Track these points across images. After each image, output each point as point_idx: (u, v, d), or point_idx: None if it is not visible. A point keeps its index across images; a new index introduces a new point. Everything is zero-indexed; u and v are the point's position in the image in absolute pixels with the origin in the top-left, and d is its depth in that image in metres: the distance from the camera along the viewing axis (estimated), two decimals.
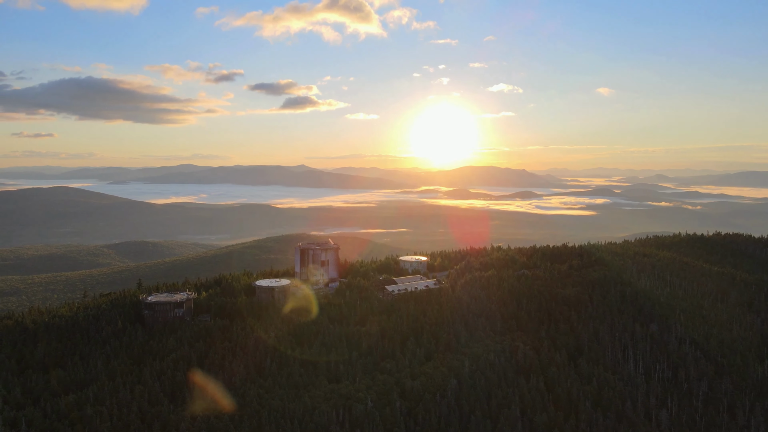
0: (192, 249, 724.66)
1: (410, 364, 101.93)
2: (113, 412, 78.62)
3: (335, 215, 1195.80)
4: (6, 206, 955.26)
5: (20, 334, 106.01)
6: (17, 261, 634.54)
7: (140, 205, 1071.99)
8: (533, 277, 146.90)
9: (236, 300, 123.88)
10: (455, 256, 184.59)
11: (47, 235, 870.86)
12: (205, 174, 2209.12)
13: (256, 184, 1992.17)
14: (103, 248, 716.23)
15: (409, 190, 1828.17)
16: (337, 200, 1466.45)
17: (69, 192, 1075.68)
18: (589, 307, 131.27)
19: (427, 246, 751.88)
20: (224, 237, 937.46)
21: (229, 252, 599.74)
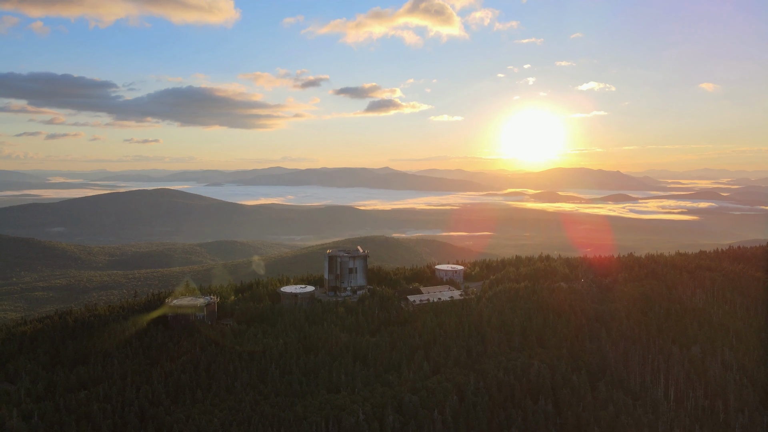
0: (276, 249, 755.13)
1: (415, 377, 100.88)
2: (116, 410, 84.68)
3: (418, 217, 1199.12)
4: (117, 206, 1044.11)
5: (60, 331, 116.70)
6: (122, 257, 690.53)
7: (232, 206, 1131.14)
8: (569, 290, 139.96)
9: (259, 305, 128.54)
10: (497, 265, 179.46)
11: (150, 233, 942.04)
12: (293, 176, 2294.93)
13: (342, 186, 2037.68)
14: (196, 246, 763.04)
15: (495, 193, 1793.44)
16: (421, 202, 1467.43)
17: (170, 193, 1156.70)
18: (624, 324, 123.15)
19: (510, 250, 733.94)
20: (308, 237, 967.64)
21: (308, 253, 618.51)
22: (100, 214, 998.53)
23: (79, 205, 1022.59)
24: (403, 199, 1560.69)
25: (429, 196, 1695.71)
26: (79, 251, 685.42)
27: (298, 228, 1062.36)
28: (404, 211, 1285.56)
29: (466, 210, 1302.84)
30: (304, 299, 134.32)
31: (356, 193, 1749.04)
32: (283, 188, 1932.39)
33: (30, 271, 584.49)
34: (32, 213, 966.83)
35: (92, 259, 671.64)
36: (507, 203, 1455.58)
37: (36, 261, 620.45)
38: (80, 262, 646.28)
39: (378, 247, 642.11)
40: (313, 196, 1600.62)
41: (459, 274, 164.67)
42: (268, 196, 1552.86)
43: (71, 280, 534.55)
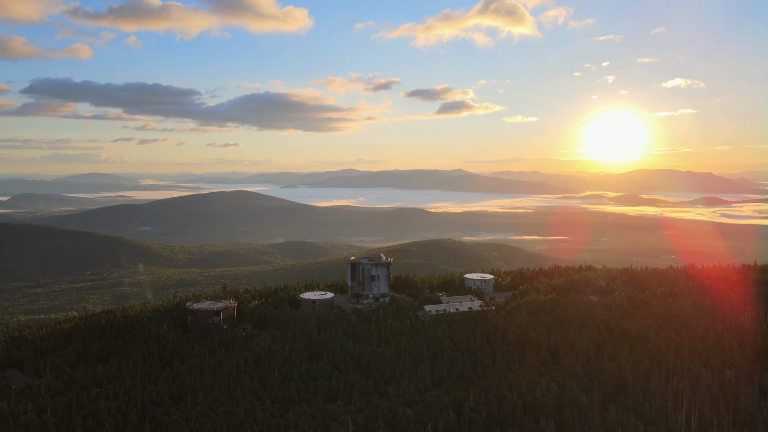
0: (345, 250, 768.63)
1: (415, 390, 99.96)
2: (120, 409, 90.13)
3: (489, 220, 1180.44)
4: (198, 207, 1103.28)
5: (91, 330, 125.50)
6: (201, 256, 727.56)
7: (305, 207, 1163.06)
8: (597, 304, 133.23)
9: (276, 311, 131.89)
10: (530, 274, 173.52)
11: (227, 233, 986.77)
12: (365, 178, 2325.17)
13: (413, 188, 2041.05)
14: (269, 247, 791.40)
15: (572, 196, 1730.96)
16: (493, 205, 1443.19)
17: (247, 195, 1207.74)
18: (650, 343, 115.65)
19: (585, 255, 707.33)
20: (377, 239, 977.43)
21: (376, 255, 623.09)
22: (183, 214, 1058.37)
23: (164, 206, 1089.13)
24: (476, 202, 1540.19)
25: (502, 198, 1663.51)
26: (162, 249, 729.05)
27: (367, 230, 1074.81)
28: (476, 213, 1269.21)
29: (540, 213, 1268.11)
30: (321, 306, 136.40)
31: (428, 196, 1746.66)
32: (356, 190, 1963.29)
33: (118, 267, 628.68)
34: (124, 213, 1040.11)
35: (173, 257, 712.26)
36: (584, 206, 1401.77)
37: (123, 258, 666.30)
38: (163, 260, 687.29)
39: (444, 251, 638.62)
40: (384, 198, 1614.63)
41: (488, 284, 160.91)
42: (340, 197, 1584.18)
43: (153, 276, 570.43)
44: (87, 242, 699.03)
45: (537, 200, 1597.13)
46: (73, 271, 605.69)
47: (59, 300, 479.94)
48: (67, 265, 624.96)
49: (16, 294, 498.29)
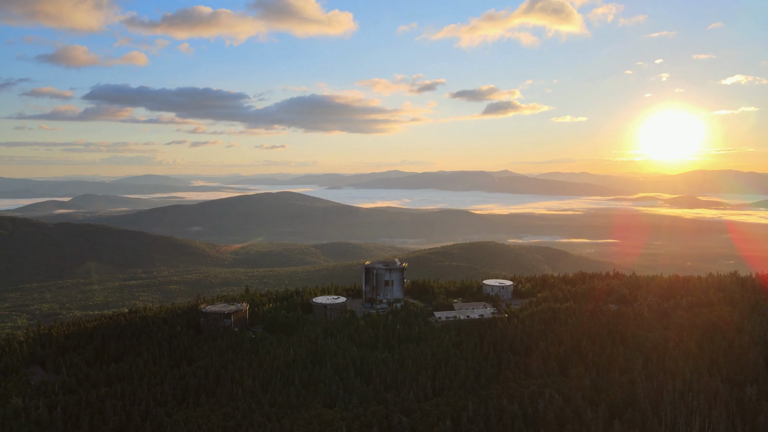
0: (387, 252, 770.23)
1: (415, 398, 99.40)
2: (125, 408, 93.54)
3: (536, 223, 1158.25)
4: (245, 208, 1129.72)
5: (111, 329, 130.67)
6: (245, 256, 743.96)
7: (349, 208, 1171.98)
8: (615, 313, 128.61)
9: (288, 314, 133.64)
10: (552, 281, 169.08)
11: (273, 233, 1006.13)
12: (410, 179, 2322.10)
13: (459, 189, 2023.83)
14: (312, 248, 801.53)
15: (624, 198, 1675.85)
16: (540, 207, 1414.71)
17: (292, 196, 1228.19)
18: (667, 355, 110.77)
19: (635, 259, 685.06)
20: (420, 241, 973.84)
21: (415, 257, 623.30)
22: (230, 215, 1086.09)
23: (213, 207, 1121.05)
24: (522, 204, 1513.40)
25: (550, 200, 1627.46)
26: (210, 249, 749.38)
27: (411, 231, 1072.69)
28: (522, 215, 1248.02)
29: (589, 215, 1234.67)
30: (333, 310, 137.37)
31: (473, 197, 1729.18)
32: (400, 191, 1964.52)
33: (168, 266, 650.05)
34: (176, 214, 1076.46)
35: (220, 257, 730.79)
36: (637, 209, 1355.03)
37: (173, 257, 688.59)
38: (209, 259, 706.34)
39: (486, 253, 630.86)
40: (428, 200, 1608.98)
41: (507, 290, 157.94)
42: (384, 199, 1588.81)
43: (200, 275, 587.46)
44: (139, 241, 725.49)
45: (586, 202, 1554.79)
46: (126, 269, 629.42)
47: (112, 297, 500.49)
48: (121, 263, 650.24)
49: (73, 290, 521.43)
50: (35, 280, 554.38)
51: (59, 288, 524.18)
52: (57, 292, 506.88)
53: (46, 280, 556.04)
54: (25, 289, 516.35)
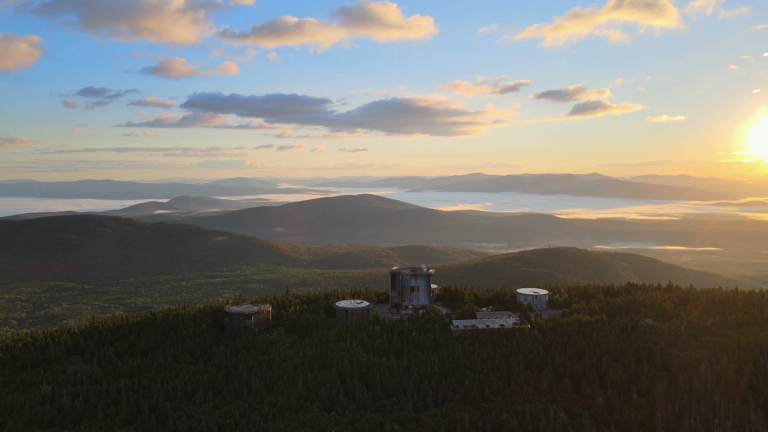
0: (465, 256, 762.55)
1: (414, 407, 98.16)
2: (137, 400, 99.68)
3: (627, 228, 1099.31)
4: (326, 210, 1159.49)
5: (147, 325, 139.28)
6: (324, 257, 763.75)
7: (428, 212, 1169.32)
8: (650, 329, 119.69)
9: (309, 317, 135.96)
10: (592, 291, 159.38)
11: (352, 235, 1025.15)
12: (493, 183, 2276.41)
13: (544, 193, 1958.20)
14: (389, 250, 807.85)
15: (728, 202, 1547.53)
16: (632, 212, 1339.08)
17: (372, 199, 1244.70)
18: (697, 377, 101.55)
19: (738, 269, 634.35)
20: (501, 246, 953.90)
21: (491, 262, 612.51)
22: (312, 216, 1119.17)
23: (296, 209, 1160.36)
24: (612, 208, 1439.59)
25: (643, 204, 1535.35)
26: (290, 250, 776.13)
27: (492, 235, 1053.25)
28: (612, 221, 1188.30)
29: (687, 221, 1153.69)
30: (354, 314, 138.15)
31: (559, 201, 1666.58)
32: (482, 195, 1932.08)
33: (250, 265, 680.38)
34: (261, 215, 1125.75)
35: (299, 257, 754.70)
36: (743, 214, 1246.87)
37: (256, 257, 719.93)
38: (289, 260, 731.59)
39: (566, 260, 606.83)
40: (511, 203, 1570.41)
41: (541, 300, 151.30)
42: (465, 202, 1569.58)
43: (279, 275, 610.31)
44: (225, 241, 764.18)
45: (685, 207, 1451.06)
46: (213, 267, 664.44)
47: (198, 293, 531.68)
48: (208, 262, 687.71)
49: (165, 286, 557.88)
50: (133, 275, 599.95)
51: (153, 283, 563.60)
52: (151, 287, 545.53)
53: (141, 275, 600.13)
54: (123, 283, 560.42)
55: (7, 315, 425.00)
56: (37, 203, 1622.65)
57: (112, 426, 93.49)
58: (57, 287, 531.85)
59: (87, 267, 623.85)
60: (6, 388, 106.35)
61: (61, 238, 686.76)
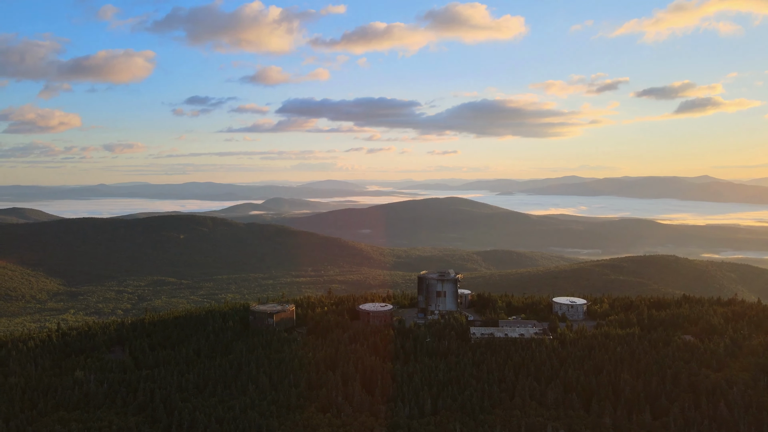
0: (553, 261, 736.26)
1: (409, 414, 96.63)
2: (153, 391, 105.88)
3: (740, 236, 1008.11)
4: (413, 213, 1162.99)
5: (185, 319, 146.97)
6: (407, 259, 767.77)
7: (517, 215, 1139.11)
8: (686, 346, 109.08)
9: (331, 318, 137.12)
10: (637, 303, 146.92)
11: (437, 238, 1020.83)
12: (589, 186, 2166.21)
13: (646, 196, 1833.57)
14: (474, 254, 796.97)
15: None
16: (748, 218, 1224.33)
17: (459, 202, 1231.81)
18: (725, 399, 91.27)
19: None
20: (594, 252, 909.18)
21: (578, 268, 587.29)
22: (398, 218, 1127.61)
23: (383, 211, 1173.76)
24: (724, 213, 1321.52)
25: (762, 210, 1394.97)
26: (373, 251, 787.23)
27: (585, 241, 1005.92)
28: (723, 227, 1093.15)
29: None
30: (375, 317, 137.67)
31: (663, 205, 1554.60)
32: (577, 198, 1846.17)
33: (334, 265, 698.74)
34: (349, 217, 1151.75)
35: (382, 259, 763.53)
36: None
37: (340, 257, 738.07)
38: (372, 261, 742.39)
39: (662, 269, 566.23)
40: (608, 208, 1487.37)
41: (577, 310, 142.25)
42: (558, 206, 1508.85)
43: (361, 276, 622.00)
44: (312, 241, 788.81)
45: None
46: (298, 267, 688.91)
47: (283, 291, 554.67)
48: (294, 261, 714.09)
49: (252, 283, 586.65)
50: (225, 272, 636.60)
51: (243, 280, 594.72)
52: (241, 284, 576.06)
53: (233, 272, 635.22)
54: (217, 279, 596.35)
55: (115, 305, 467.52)
56: (149, 203, 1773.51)
57: (125, 413, 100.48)
58: (159, 281, 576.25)
59: (185, 263, 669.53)
60: (48, 372, 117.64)
61: (164, 236, 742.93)
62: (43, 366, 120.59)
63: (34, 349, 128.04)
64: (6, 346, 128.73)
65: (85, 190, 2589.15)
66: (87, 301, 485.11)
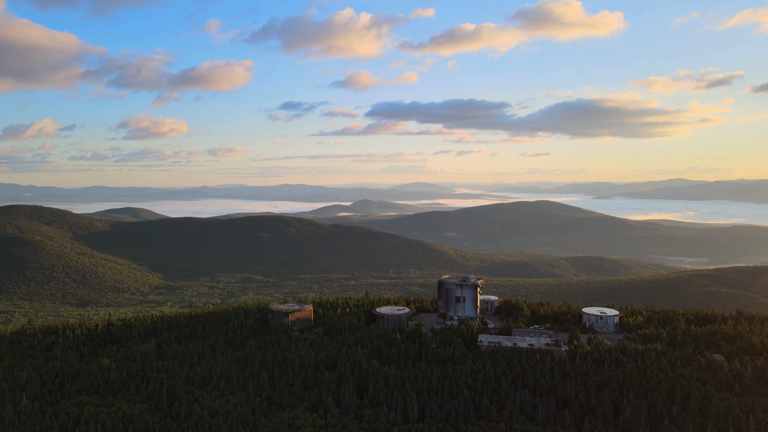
0: (650, 270, 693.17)
1: (393, 420, 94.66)
2: (162, 381, 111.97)
3: None
4: (501, 216, 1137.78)
5: (213, 315, 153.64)
6: (491, 264, 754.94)
7: (613, 220, 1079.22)
8: (708, 366, 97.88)
9: (346, 320, 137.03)
10: (674, 317, 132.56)
11: (526, 243, 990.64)
12: (698, 189, 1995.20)
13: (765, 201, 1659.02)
14: (562, 260, 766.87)
15: None
16: None
17: (550, 206, 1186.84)
18: (736, 428, 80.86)
19: None
20: (700, 261, 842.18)
21: (674, 278, 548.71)
22: (485, 222, 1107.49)
23: (470, 214, 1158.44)
24: None
25: None
26: (457, 255, 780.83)
27: (690, 249, 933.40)
28: None
29: None
30: (390, 321, 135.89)
31: None
32: (683, 203, 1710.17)
33: (416, 268, 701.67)
34: (435, 219, 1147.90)
35: (465, 263, 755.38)
36: None
37: (422, 260, 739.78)
38: (455, 265, 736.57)
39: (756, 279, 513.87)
40: (719, 213, 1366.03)
41: (607, 321, 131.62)
42: (661, 211, 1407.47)
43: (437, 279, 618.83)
44: (395, 244, 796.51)
45: None
46: (380, 269, 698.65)
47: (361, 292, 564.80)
48: (376, 263, 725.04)
49: (334, 284, 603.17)
50: (309, 272, 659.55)
51: (325, 281, 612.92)
52: (323, 283, 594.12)
53: (316, 272, 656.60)
54: (300, 279, 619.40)
55: (206, 300, 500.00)
56: (245, 204, 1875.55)
57: (135, 400, 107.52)
58: (247, 279, 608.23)
59: (273, 262, 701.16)
60: (86, 359, 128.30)
61: (254, 236, 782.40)
62: (83, 353, 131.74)
63: (79, 337, 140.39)
64: (56, 333, 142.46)
65: (189, 192, 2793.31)
66: (182, 295, 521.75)
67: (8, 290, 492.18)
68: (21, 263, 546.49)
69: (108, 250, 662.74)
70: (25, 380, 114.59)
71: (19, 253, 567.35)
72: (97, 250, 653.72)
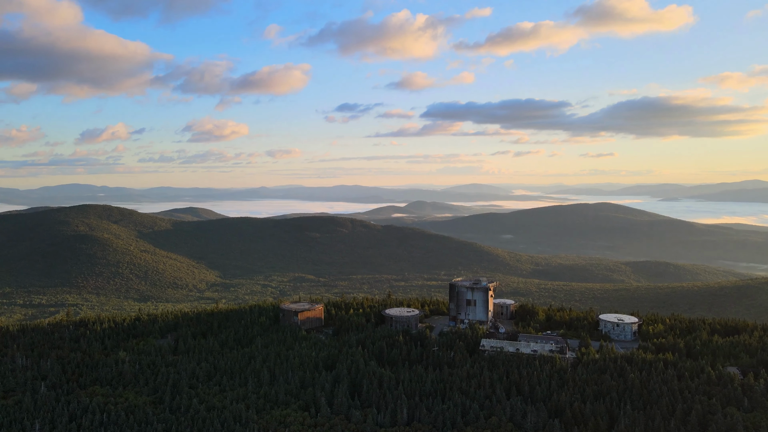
0: (719, 276, 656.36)
1: (382, 422, 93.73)
2: (169, 375, 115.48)
3: None
4: (558, 218, 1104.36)
5: (231, 312, 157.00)
6: (546, 267, 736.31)
7: (680, 223, 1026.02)
8: (718, 379, 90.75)
9: (355, 320, 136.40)
10: (699, 326, 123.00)
11: (584, 246, 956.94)
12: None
13: None
14: (622, 265, 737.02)
15: None
16: None
17: (612, 208, 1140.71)
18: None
19: None
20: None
21: (745, 286, 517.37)
22: (542, 224, 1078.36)
23: (526, 216, 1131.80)
24: None
25: None
26: (510, 258, 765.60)
27: (764, 255, 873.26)
28: None
29: None
30: (398, 322, 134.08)
31: None
32: (759, 206, 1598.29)
33: (468, 270, 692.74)
34: (490, 221, 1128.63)
35: (519, 266, 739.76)
36: None
37: (475, 263, 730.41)
38: (507, 268, 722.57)
39: None
40: None
41: (625, 329, 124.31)
42: (734, 214, 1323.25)
43: None
44: (447, 245, 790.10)
45: None
46: (431, 270, 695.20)
47: (411, 294, 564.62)
48: (427, 264, 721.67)
49: (384, 284, 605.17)
50: (360, 272, 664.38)
51: (375, 281, 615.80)
52: (373, 284, 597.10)
53: (367, 273, 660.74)
54: (351, 279, 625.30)
55: (259, 298, 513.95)
56: (301, 205, 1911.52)
57: (142, 392, 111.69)
58: (299, 278, 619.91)
59: (325, 262, 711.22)
60: (107, 351, 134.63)
61: (307, 236, 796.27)
62: (106, 345, 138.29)
63: (106, 330, 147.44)
64: (85, 326, 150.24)
65: (249, 192, 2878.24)
66: (237, 293, 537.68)
67: (78, 284, 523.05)
68: (90, 259, 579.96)
69: (169, 248, 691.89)
70: (48, 369, 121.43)
71: (89, 250, 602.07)
72: (160, 248, 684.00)
